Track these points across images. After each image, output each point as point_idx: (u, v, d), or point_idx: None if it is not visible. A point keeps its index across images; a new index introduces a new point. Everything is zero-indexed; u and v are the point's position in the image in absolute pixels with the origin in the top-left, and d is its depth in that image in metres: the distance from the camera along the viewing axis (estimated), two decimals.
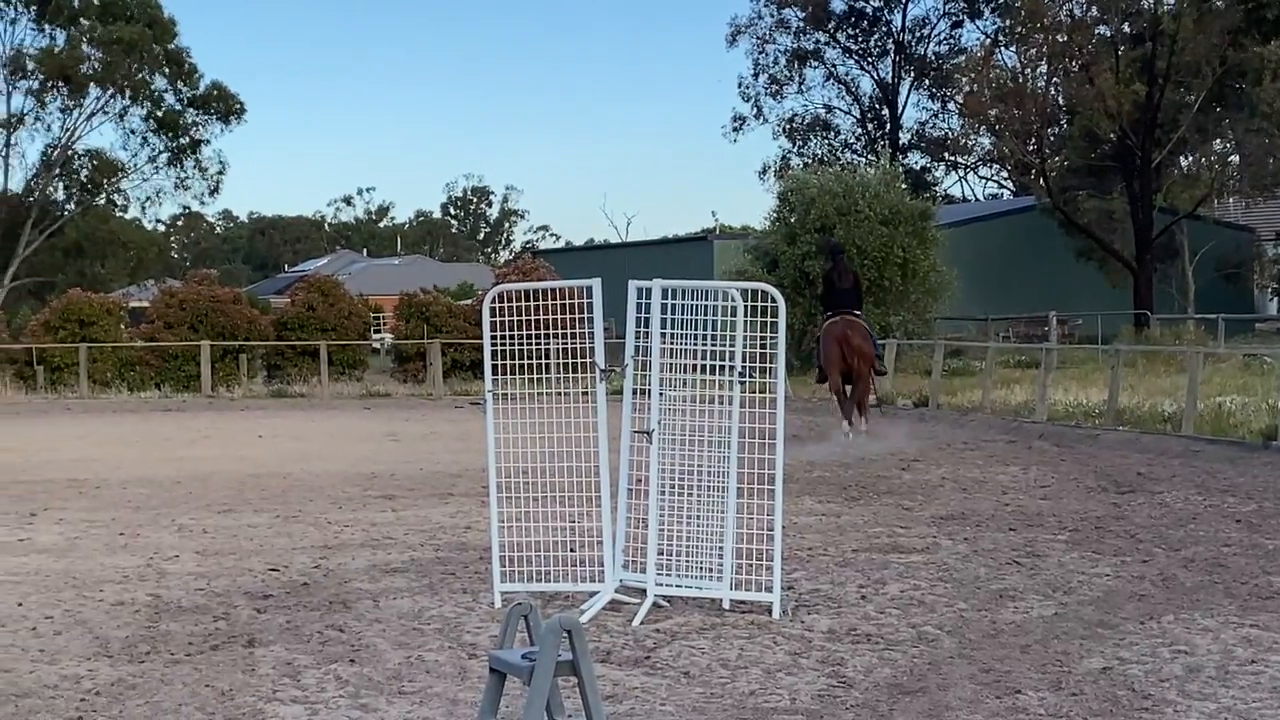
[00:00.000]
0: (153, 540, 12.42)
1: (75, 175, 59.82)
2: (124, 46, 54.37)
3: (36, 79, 56.09)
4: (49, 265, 59.21)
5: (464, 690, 7.36)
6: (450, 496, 15.20)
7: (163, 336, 36.74)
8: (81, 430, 25.25)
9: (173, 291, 39.14)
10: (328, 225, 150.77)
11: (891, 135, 69.12)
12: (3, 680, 7.64)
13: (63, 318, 36.74)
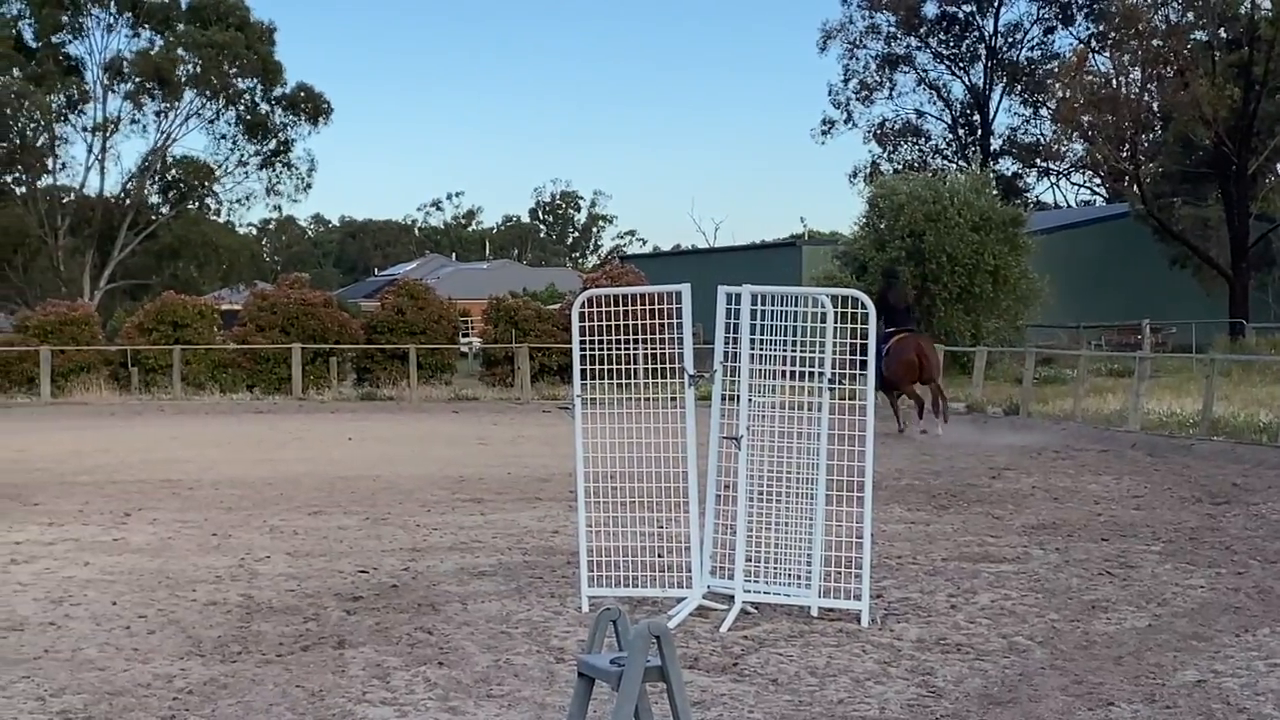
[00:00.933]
0: (244, 541, 12.53)
1: (169, 179, 60.61)
2: (217, 50, 55.07)
3: (132, 82, 56.88)
4: (143, 268, 60.05)
5: (551, 694, 7.37)
6: (538, 501, 15.23)
7: (254, 339, 37.11)
8: (175, 431, 25.55)
9: (264, 294, 39.54)
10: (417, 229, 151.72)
11: (983, 141, 68.63)
12: (97, 678, 7.73)
13: (157, 320, 37.22)
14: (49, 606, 9.70)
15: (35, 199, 57.00)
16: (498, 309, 39.03)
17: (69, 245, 57.31)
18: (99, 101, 57.93)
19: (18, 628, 9.01)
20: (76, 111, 58.19)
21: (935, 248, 36.42)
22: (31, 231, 55.80)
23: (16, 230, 55.16)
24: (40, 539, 12.67)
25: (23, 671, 7.84)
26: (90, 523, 13.70)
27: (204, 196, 61.63)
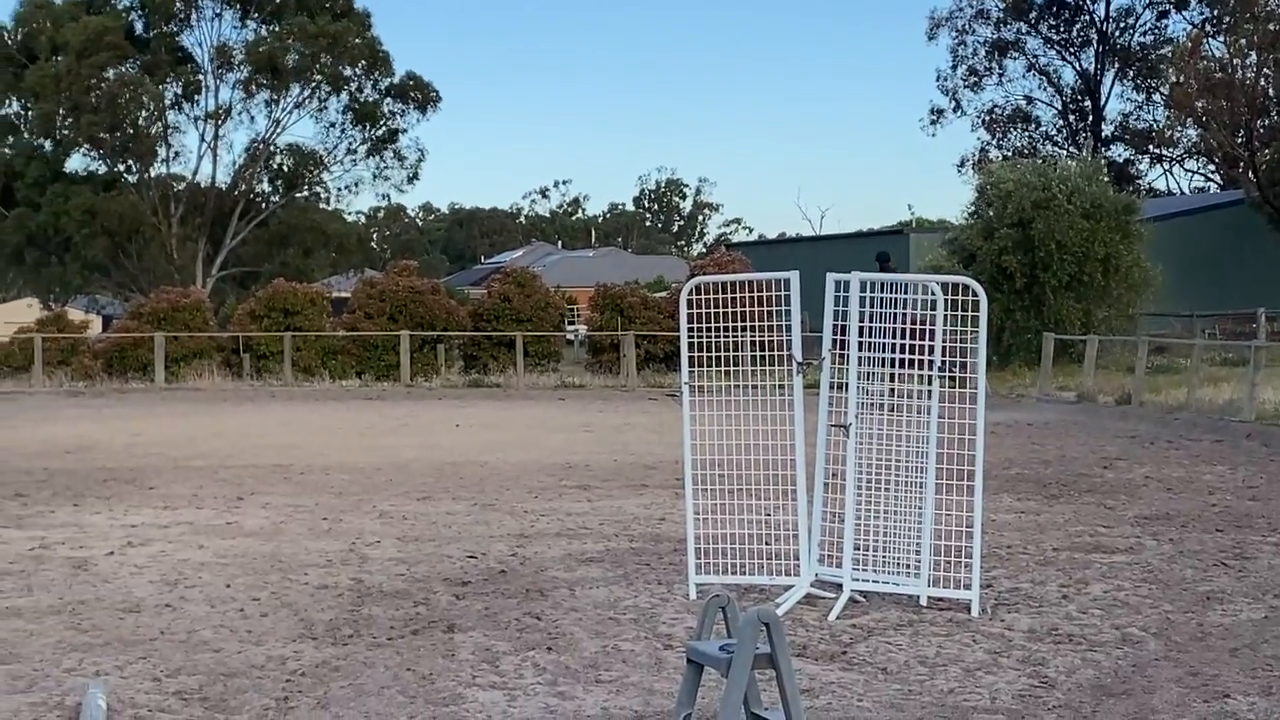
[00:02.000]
0: (355, 526, 12.66)
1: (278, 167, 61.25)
2: (327, 40, 55.56)
3: (243, 72, 57.54)
4: (254, 256, 60.73)
5: (660, 680, 7.38)
6: (644, 488, 15.25)
7: (363, 326, 37.43)
8: (286, 417, 25.84)
9: (373, 282, 39.84)
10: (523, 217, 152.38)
11: (1094, 127, 67.82)
12: (212, 659, 7.84)
13: (268, 307, 37.65)
14: (165, 589, 9.85)
15: (148, 187, 57.80)
16: (604, 296, 39.07)
17: (181, 233, 58.05)
18: (210, 91, 58.66)
19: (134, 609, 9.16)
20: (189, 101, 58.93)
21: (1045, 235, 35.95)
22: (145, 219, 56.57)
23: (130, 218, 55.94)
24: (156, 522, 12.87)
25: (140, 652, 7.97)
26: (204, 506, 13.90)
27: (313, 184, 62.17)
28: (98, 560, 10.93)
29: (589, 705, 6.97)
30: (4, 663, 7.73)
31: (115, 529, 12.47)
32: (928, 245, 44.14)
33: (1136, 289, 37.74)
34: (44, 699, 7.04)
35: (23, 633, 8.46)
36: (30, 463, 17.80)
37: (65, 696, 7.07)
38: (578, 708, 6.93)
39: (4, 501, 14.25)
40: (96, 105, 54.32)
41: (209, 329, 37.81)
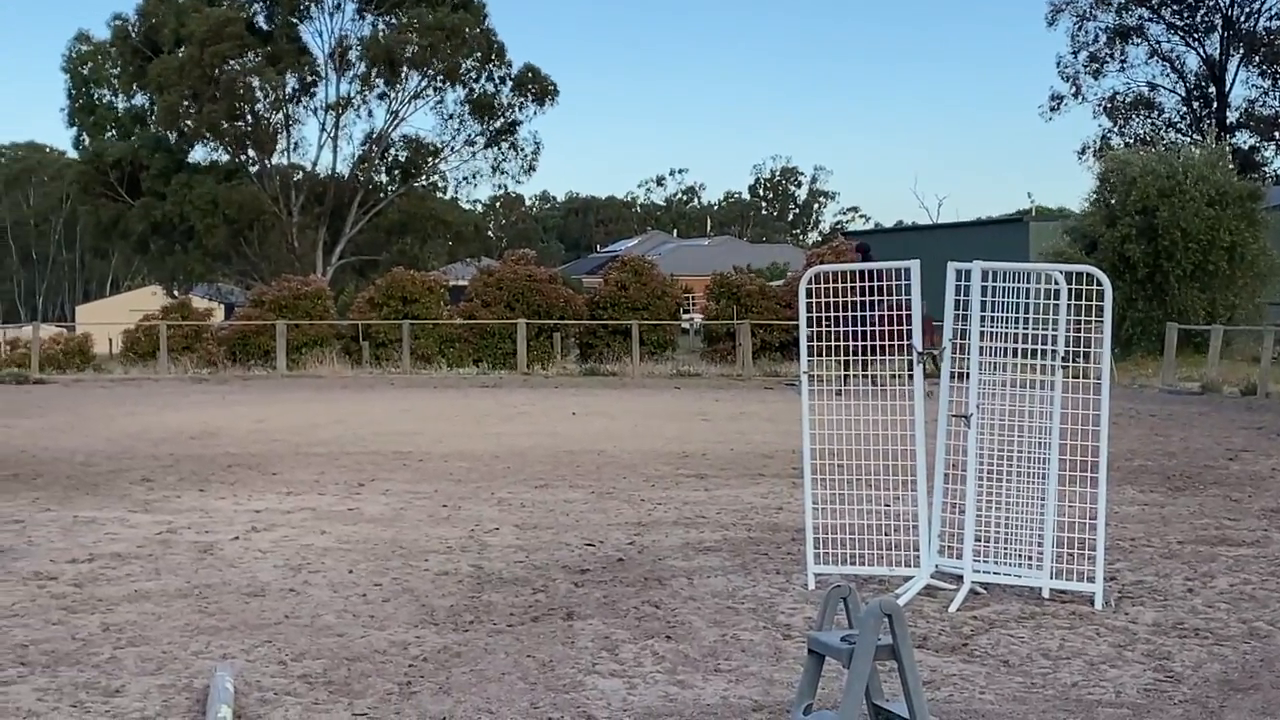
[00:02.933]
0: (474, 513, 12.75)
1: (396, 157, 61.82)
2: (444, 33, 55.96)
3: (361, 64, 58.14)
4: (372, 244, 61.40)
5: (779, 670, 7.37)
6: (761, 477, 15.23)
7: (481, 315, 37.71)
8: (404, 404, 26.07)
9: (491, 271, 40.10)
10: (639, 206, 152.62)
11: (1218, 114, 66.60)
12: (335, 644, 7.93)
13: (386, 295, 38.05)
14: (288, 573, 9.98)
15: (269, 177, 58.57)
16: (721, 285, 39.06)
17: (301, 222, 58.80)
18: (329, 83, 59.32)
19: (259, 593, 9.29)
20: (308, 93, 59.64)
21: (1169, 224, 35.44)
22: (266, 208, 57.37)
23: (252, 207, 56.77)
24: (279, 508, 13.05)
25: (265, 636, 8.09)
26: (326, 492, 14.06)
27: (431, 175, 62.71)
28: (223, 545, 11.10)
29: (708, 694, 6.97)
30: (134, 645, 7.88)
31: (240, 514, 12.66)
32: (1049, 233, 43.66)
33: (1262, 278, 37.11)
34: (173, 681, 7.16)
35: (151, 615, 8.61)
36: (157, 448, 18.12)
37: (193, 679, 7.19)
38: (697, 696, 6.94)
39: (132, 486, 14.51)
40: (217, 95, 55.12)
41: (329, 317, 38.28)
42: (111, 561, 10.41)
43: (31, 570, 10.07)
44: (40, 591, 9.34)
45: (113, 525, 12.04)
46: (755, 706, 6.76)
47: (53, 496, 13.81)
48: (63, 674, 7.28)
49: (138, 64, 58.21)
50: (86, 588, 9.47)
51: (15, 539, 11.38)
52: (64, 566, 10.22)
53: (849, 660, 5.60)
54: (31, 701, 6.79)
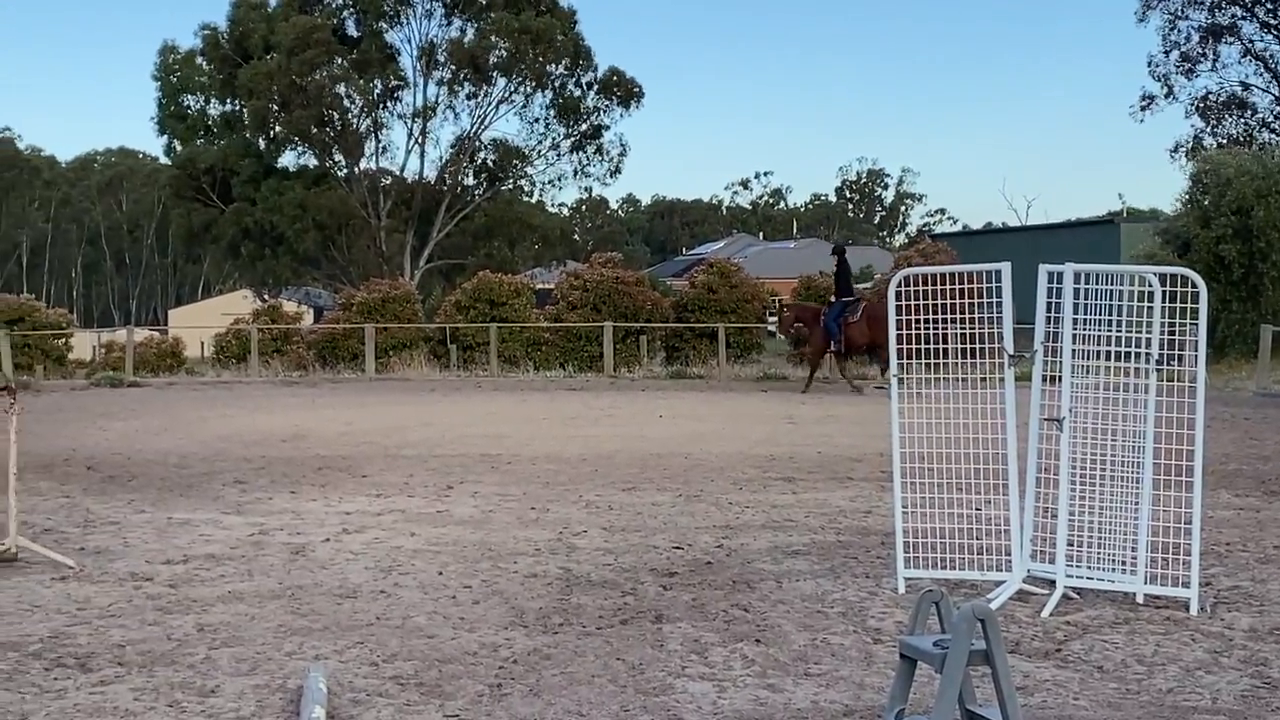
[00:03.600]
0: (562, 515, 12.78)
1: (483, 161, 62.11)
2: (530, 36, 56.16)
3: (448, 69, 58.44)
4: (459, 248, 61.71)
5: (870, 675, 7.34)
6: (850, 481, 15.17)
7: (567, 317, 37.81)
8: (492, 407, 26.19)
9: (577, 274, 40.21)
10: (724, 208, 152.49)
11: None
12: (426, 645, 7.97)
13: (473, 298, 38.25)
14: (379, 575, 10.05)
15: (357, 182, 59.01)
16: (807, 288, 38.97)
17: (389, 226, 59.19)
18: (417, 88, 59.69)
19: (351, 595, 9.36)
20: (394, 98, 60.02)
21: (1264, 224, 34.97)
22: (354, 213, 57.81)
23: (340, 211, 57.23)
24: (369, 509, 13.14)
25: (357, 637, 8.15)
26: (415, 495, 14.15)
27: (517, 178, 62.94)
28: (315, 546, 11.20)
29: (799, 698, 6.95)
30: (228, 645, 7.96)
31: (331, 516, 12.77)
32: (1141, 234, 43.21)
33: None
34: (267, 681, 7.23)
35: (245, 616, 8.70)
36: (249, 451, 18.31)
37: (287, 679, 7.25)
38: (787, 700, 6.92)
39: (225, 489, 14.68)
40: (305, 102, 55.62)
41: (417, 320, 38.53)
42: (206, 563, 10.53)
43: (128, 571, 10.21)
44: (136, 592, 9.47)
45: (206, 527, 12.18)
46: (846, 711, 6.74)
47: (148, 498, 13.99)
48: (159, 674, 7.37)
49: (227, 71, 58.86)
50: (181, 589, 9.58)
51: (112, 540, 11.54)
52: (159, 568, 10.35)
53: (941, 665, 5.56)
54: (129, 701, 6.88)
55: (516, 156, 61.12)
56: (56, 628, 8.41)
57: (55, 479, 15.53)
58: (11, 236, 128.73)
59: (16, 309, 37.18)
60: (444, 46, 58.23)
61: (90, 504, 13.62)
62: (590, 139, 60.95)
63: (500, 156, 61.17)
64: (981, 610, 5.59)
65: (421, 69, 59.00)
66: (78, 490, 14.65)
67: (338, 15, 58.15)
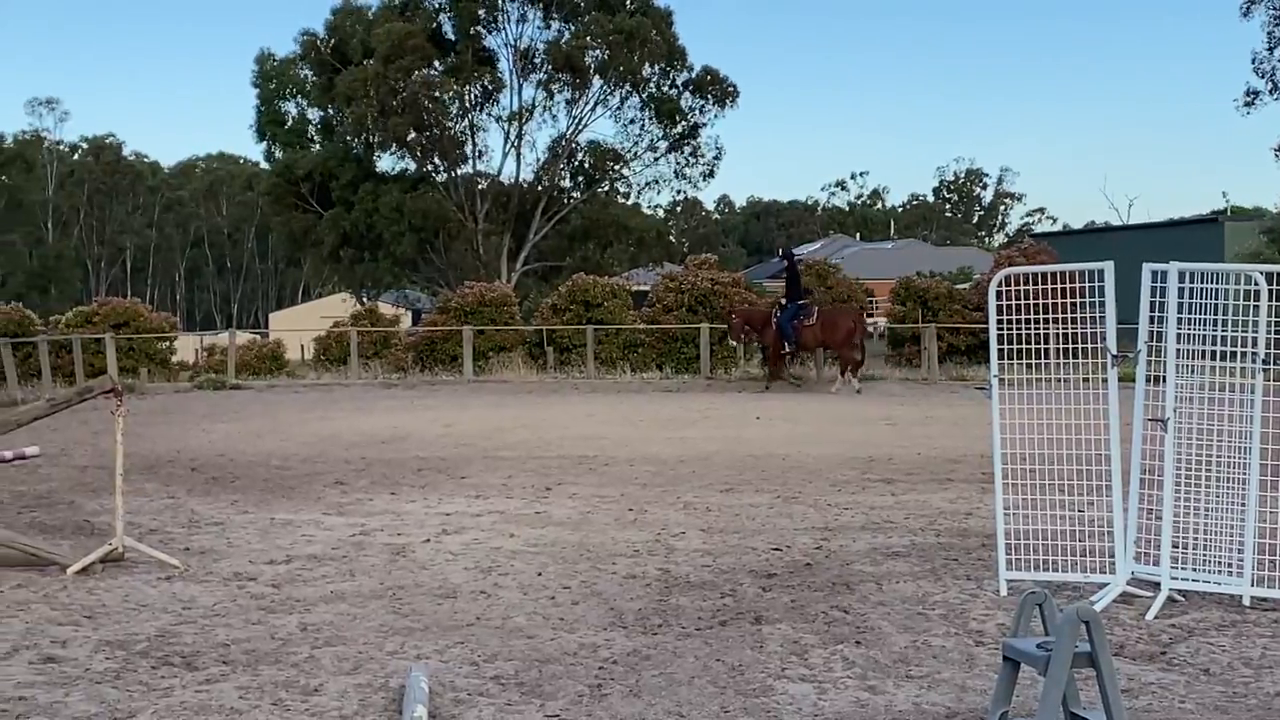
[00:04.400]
0: (660, 516, 12.80)
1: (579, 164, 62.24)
2: (624, 37, 56.22)
3: (544, 72, 58.64)
4: (556, 250, 61.85)
5: (972, 677, 7.28)
6: (949, 482, 15.07)
7: (664, 319, 37.80)
8: (589, 409, 26.26)
9: (673, 275, 40.18)
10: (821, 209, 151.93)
11: None
12: (526, 646, 8.01)
13: (570, 300, 38.34)
14: (479, 575, 10.11)
15: (455, 186, 59.36)
16: (905, 289, 38.77)
17: (486, 229, 59.46)
18: (513, 91, 59.94)
19: (451, 595, 9.42)
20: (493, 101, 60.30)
21: None
22: (451, 216, 58.10)
23: (437, 215, 57.52)
24: (468, 510, 13.22)
25: (458, 637, 8.20)
26: (514, 496, 14.22)
27: (613, 180, 63.01)
28: (415, 547, 11.29)
29: (900, 700, 6.92)
30: (331, 645, 8.04)
31: (430, 517, 12.86)
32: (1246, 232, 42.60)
33: None
34: (369, 680, 7.29)
35: (347, 616, 8.78)
36: (349, 452, 18.48)
37: (389, 678, 7.31)
38: (889, 702, 6.89)
39: (326, 490, 14.82)
40: (402, 107, 56.02)
41: (514, 322, 38.67)
42: (308, 563, 10.64)
43: (232, 571, 10.34)
44: (240, 592, 9.59)
45: (308, 527, 12.31)
46: (949, 713, 6.69)
47: (250, 499, 14.16)
48: (263, 673, 7.45)
49: (326, 77, 59.41)
50: (284, 588, 9.69)
51: (216, 540, 11.69)
52: (262, 567, 10.47)
53: (1045, 667, 5.52)
54: (234, 699, 6.97)
55: (612, 158, 61.17)
56: (163, 626, 8.54)
57: (160, 480, 15.76)
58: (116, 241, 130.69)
59: (122, 313, 37.71)
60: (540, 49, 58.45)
61: (194, 505, 13.81)
62: (686, 140, 60.86)
63: (596, 158, 61.25)
64: (1086, 612, 5.54)
65: (518, 72, 59.25)
66: (182, 491, 14.85)
67: (434, 20, 58.47)
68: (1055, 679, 5.46)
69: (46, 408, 11.77)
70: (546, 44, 58.45)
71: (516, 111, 59.95)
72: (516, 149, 60.50)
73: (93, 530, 12.20)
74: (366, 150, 60.34)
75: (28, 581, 10.00)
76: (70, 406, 12.03)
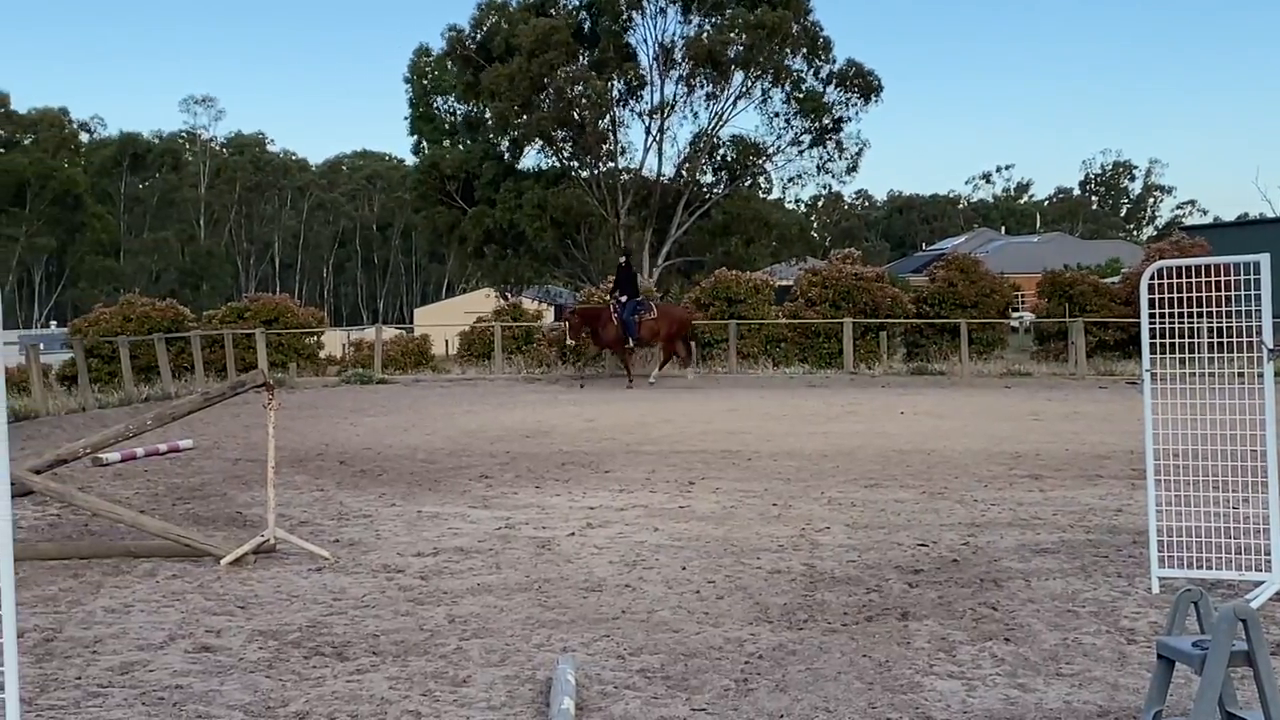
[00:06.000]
0: (804, 511, 12.75)
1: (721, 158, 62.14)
2: (766, 30, 56.02)
3: (684, 66, 58.61)
4: (697, 245, 61.81)
5: (1124, 676, 7.17)
6: (1098, 478, 14.84)
7: (806, 314, 37.66)
8: (731, 404, 26.22)
9: (816, 270, 40.02)
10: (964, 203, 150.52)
11: None
12: (671, 639, 8.02)
13: (712, 295, 38.34)
14: (623, 569, 10.15)
15: (596, 182, 59.58)
16: (1052, 283, 38.27)
17: (628, 224, 59.57)
18: (654, 86, 59.99)
19: (596, 588, 9.47)
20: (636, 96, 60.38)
21: None
22: (593, 212, 58.32)
23: (579, 210, 57.75)
24: (612, 504, 13.27)
25: (603, 630, 8.23)
26: (657, 490, 14.25)
27: (755, 175, 62.83)
28: (559, 540, 11.35)
29: (1050, 698, 6.83)
30: (478, 636, 8.11)
31: (575, 510, 12.93)
32: None
33: None
34: (516, 672, 7.35)
35: (494, 608, 8.86)
36: (493, 446, 18.63)
37: (536, 670, 7.36)
38: (1039, 700, 6.80)
39: (471, 483, 14.96)
40: (546, 103, 56.34)
41: None
42: (454, 555, 10.75)
43: (380, 563, 10.47)
44: (389, 584, 9.71)
45: (454, 520, 12.43)
46: (1100, 712, 6.60)
47: (397, 492, 14.33)
48: (412, 663, 7.54)
49: (471, 73, 59.90)
50: (432, 580, 9.80)
51: (364, 533, 11.85)
52: (410, 560, 10.60)
53: (1201, 666, 5.41)
54: (384, 689, 7.05)
55: (755, 152, 60.98)
56: (314, 617, 8.67)
57: (309, 473, 16.00)
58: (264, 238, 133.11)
59: (272, 309, 38.32)
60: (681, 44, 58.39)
61: (343, 497, 14.01)
62: (829, 134, 60.47)
63: (739, 153, 61.09)
64: (1243, 610, 5.43)
65: (659, 67, 59.28)
66: (331, 484, 15.07)
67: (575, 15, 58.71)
68: (1211, 678, 5.35)
69: (201, 401, 12.02)
70: (688, 39, 58.40)
71: (658, 106, 59.99)
72: (658, 143, 60.55)
73: (245, 522, 12.43)
74: (510, 146, 60.74)
75: (183, 572, 10.21)
76: (224, 400, 12.28)
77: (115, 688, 7.13)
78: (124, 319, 35.38)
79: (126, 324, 34.90)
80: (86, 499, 11.33)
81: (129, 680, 7.26)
